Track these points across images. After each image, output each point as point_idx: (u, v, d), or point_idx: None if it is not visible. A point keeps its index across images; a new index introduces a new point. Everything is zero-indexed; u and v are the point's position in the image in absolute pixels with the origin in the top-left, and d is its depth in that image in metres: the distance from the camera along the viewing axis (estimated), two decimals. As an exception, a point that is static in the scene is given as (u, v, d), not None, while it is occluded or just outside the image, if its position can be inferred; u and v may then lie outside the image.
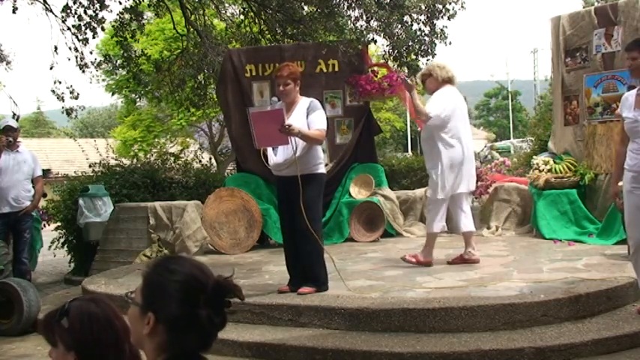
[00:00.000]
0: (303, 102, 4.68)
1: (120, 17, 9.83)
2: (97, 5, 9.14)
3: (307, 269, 4.61)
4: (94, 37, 9.46)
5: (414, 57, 8.78)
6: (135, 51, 11.04)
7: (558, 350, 3.57)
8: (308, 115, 4.58)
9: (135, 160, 9.74)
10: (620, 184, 4.21)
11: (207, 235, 7.36)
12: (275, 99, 4.65)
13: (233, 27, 11.89)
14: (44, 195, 7.92)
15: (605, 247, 6.11)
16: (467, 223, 5.58)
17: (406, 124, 33.75)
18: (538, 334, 3.77)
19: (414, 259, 5.53)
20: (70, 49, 9.57)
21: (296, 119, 4.54)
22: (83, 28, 9.28)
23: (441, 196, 5.43)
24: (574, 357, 3.58)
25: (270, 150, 4.73)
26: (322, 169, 4.73)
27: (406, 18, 8.38)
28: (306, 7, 9.72)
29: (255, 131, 4.48)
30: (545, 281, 4.52)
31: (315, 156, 4.63)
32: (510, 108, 45.39)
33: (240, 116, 7.95)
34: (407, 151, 30.77)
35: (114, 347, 1.72)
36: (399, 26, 8.34)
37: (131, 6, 9.82)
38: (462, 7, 8.51)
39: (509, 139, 33.95)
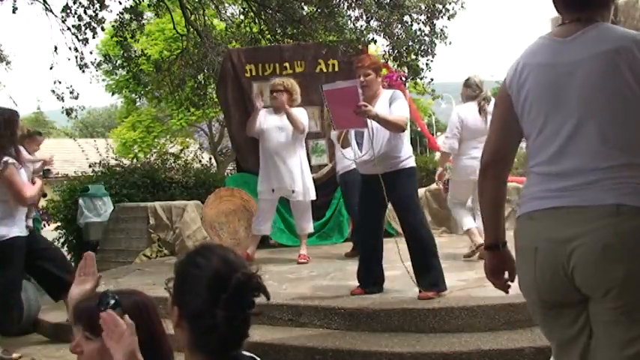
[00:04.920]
0: (386, 93, 4.49)
1: (120, 17, 9.83)
2: (97, 5, 9.15)
3: (422, 271, 4.35)
4: (93, 37, 9.48)
5: (414, 57, 8.79)
6: (135, 51, 11.05)
7: (558, 350, 3.57)
8: (390, 105, 4.38)
9: (135, 161, 9.74)
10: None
11: (208, 235, 7.35)
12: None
13: (233, 27, 11.91)
14: (44, 195, 7.89)
15: (605, 247, 6.10)
16: None
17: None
18: (538, 334, 3.75)
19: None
20: (70, 49, 9.60)
21: (379, 110, 4.28)
22: (83, 28, 9.30)
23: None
24: (574, 357, 3.58)
25: (353, 143, 4.51)
26: (413, 163, 4.48)
27: (406, 18, 8.40)
28: (306, 7, 9.73)
29: (331, 111, 4.27)
30: (545, 281, 4.51)
31: (402, 150, 4.42)
32: (510, 108, 45.40)
33: (240, 116, 7.94)
34: (407, 151, 30.72)
35: (161, 335, 1.77)
36: (399, 26, 8.35)
37: (131, 6, 9.83)
38: (461, 7, 8.52)
39: (509, 139, 33.92)
